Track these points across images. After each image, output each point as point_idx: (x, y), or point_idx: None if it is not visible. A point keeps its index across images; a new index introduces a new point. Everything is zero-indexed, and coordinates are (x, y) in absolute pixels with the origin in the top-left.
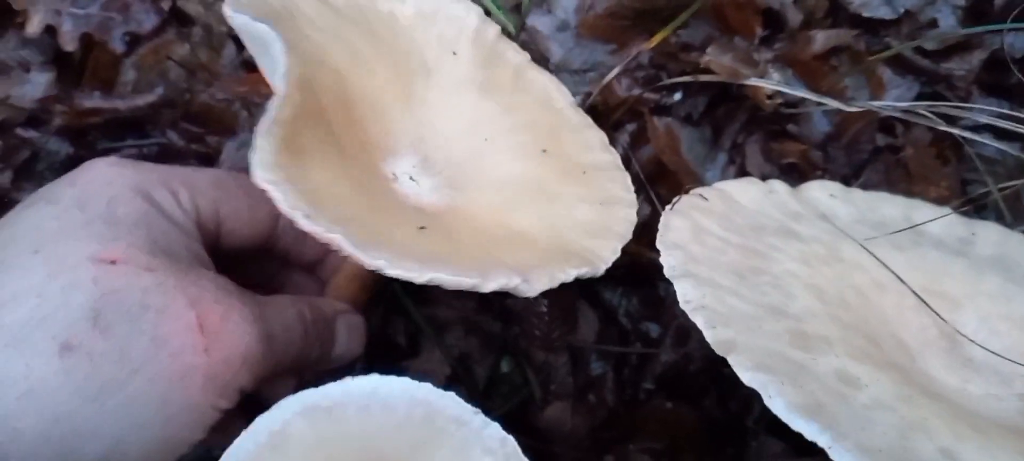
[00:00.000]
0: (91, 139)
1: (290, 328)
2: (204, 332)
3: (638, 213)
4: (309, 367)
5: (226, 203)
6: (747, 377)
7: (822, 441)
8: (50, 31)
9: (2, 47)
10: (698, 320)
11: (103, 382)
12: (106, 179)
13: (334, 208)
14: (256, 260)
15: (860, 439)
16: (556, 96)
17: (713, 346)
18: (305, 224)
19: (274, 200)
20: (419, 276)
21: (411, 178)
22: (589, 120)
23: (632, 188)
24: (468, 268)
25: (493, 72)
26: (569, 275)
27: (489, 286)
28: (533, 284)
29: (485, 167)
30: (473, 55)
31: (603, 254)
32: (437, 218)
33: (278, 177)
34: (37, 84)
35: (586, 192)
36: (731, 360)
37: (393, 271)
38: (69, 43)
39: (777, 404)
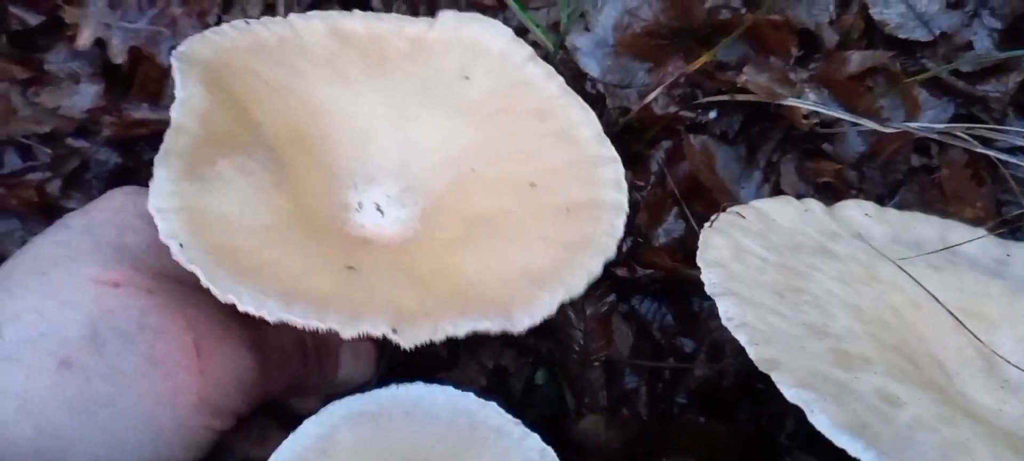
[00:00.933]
0: (138, 150)
1: (288, 354)
2: (200, 354)
3: (671, 230)
4: (311, 391)
5: None
6: (791, 394)
7: (867, 458)
8: (100, 44)
9: (53, 59)
10: (741, 337)
11: (94, 398)
12: (118, 207)
13: (223, 237)
14: None
15: (903, 457)
16: (581, 126)
17: (756, 363)
18: (175, 253)
19: (158, 226)
20: (270, 315)
21: (378, 208)
22: (611, 155)
23: (618, 233)
24: (337, 310)
25: (510, 97)
26: (459, 329)
27: (348, 332)
28: (405, 335)
29: (462, 200)
30: (490, 80)
31: (534, 308)
32: (378, 253)
33: (171, 205)
34: (86, 95)
35: (557, 234)
36: (774, 377)
37: (245, 307)
38: (118, 56)
39: (821, 421)
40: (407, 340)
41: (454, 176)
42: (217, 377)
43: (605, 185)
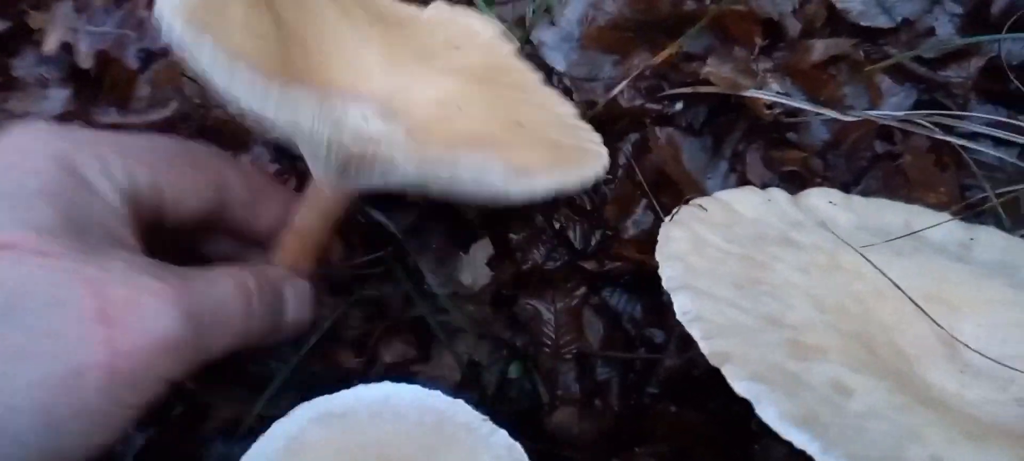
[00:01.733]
0: None
1: (226, 302)
2: (107, 322)
3: (640, 223)
4: (259, 340)
5: (166, 172)
6: (740, 388)
7: (813, 449)
8: (67, 49)
9: (20, 64)
10: (694, 332)
11: None
12: (21, 149)
13: (217, 21)
14: (208, 237)
15: (850, 448)
16: (562, 105)
17: (708, 358)
18: (177, 33)
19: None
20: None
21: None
22: (590, 127)
23: (604, 163)
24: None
25: (497, 72)
26: (466, 160)
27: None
28: (393, 128)
29: (447, 125)
30: (479, 55)
31: (535, 178)
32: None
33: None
34: (55, 100)
35: (549, 149)
36: (725, 371)
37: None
38: (85, 60)
39: (769, 413)
40: (396, 134)
41: (441, 111)
42: (130, 346)
43: (588, 140)
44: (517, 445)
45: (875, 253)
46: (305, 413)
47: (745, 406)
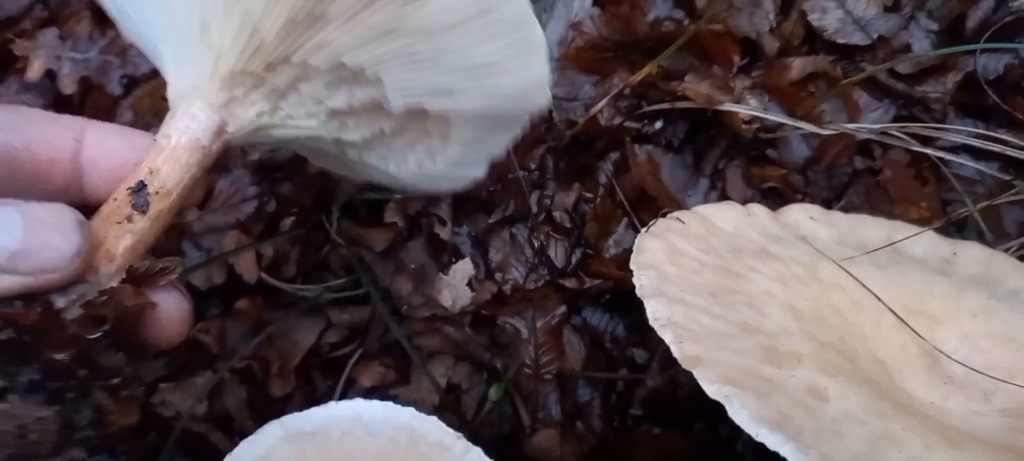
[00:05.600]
0: None
1: None
2: None
3: (620, 241)
4: None
5: None
6: (712, 390)
7: (787, 451)
8: (50, 75)
9: (4, 91)
10: (666, 336)
11: None
12: None
13: None
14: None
15: (825, 449)
16: None
17: (680, 361)
18: None
19: None
20: None
21: None
22: None
23: None
24: None
25: None
26: None
27: None
28: None
29: None
30: None
31: None
32: None
33: None
34: None
35: None
36: (697, 374)
37: None
38: (68, 86)
39: (741, 416)
40: None
41: None
42: None
43: None
44: None
45: (854, 266)
46: (274, 431)
47: (731, 428)
